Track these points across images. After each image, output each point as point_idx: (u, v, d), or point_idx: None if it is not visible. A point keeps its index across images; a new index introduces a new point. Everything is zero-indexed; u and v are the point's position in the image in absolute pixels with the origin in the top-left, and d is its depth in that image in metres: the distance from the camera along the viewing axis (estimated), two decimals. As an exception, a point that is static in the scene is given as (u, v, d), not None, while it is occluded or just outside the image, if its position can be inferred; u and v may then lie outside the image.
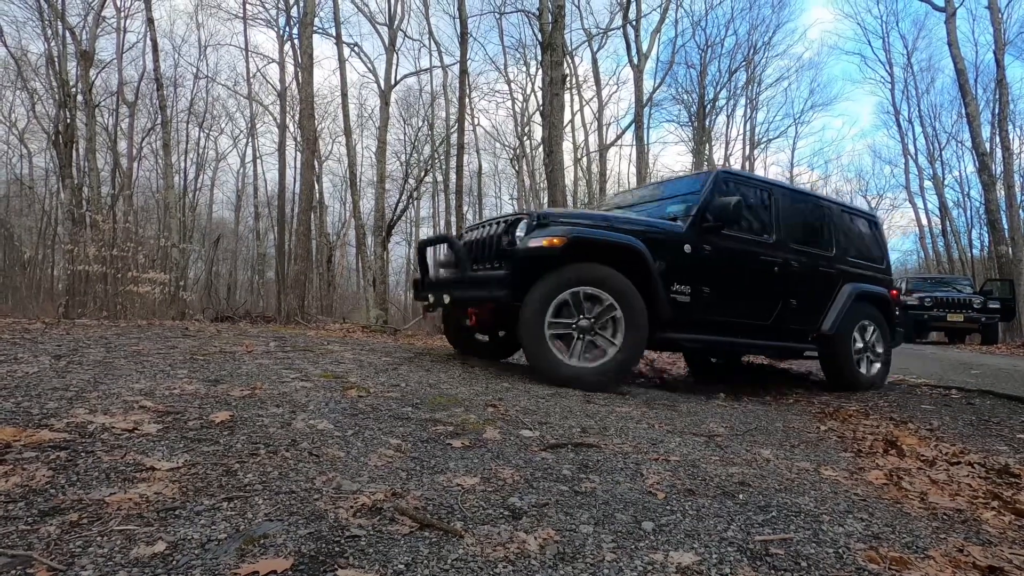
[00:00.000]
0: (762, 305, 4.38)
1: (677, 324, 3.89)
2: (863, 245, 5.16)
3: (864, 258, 5.09)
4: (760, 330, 4.39)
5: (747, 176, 4.79)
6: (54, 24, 16.34)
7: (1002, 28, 15.24)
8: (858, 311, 4.79)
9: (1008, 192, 15.15)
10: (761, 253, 4.36)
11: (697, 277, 3.96)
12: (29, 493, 1.27)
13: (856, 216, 5.28)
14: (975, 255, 26.37)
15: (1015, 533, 1.58)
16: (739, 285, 4.24)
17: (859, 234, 5.18)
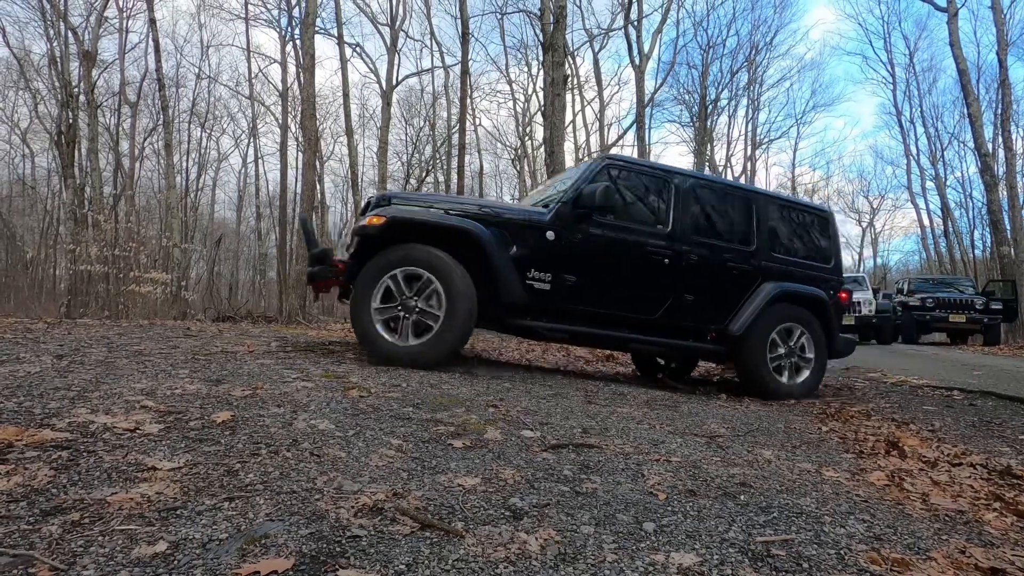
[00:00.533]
0: (645, 298, 4.13)
1: (537, 311, 3.89)
2: (802, 242, 4.71)
3: (801, 256, 4.63)
4: (644, 325, 4.15)
5: (641, 164, 4.64)
6: (56, 24, 16.39)
7: (1005, 28, 15.21)
8: (780, 313, 4.36)
9: (1011, 193, 15.10)
10: (648, 244, 4.11)
11: (560, 265, 3.88)
12: (31, 493, 1.27)
13: (798, 211, 4.83)
14: (977, 256, 26.34)
15: (1017, 534, 1.57)
16: (614, 276, 4.04)
17: (797, 230, 4.72)
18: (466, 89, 13.61)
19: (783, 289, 4.37)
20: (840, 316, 4.73)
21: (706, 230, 4.36)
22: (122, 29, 19.26)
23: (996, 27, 14.74)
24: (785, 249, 4.59)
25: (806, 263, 4.62)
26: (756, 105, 27.02)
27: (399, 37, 19.20)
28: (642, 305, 4.14)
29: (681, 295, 4.17)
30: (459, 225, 3.66)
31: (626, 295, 4.08)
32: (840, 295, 4.72)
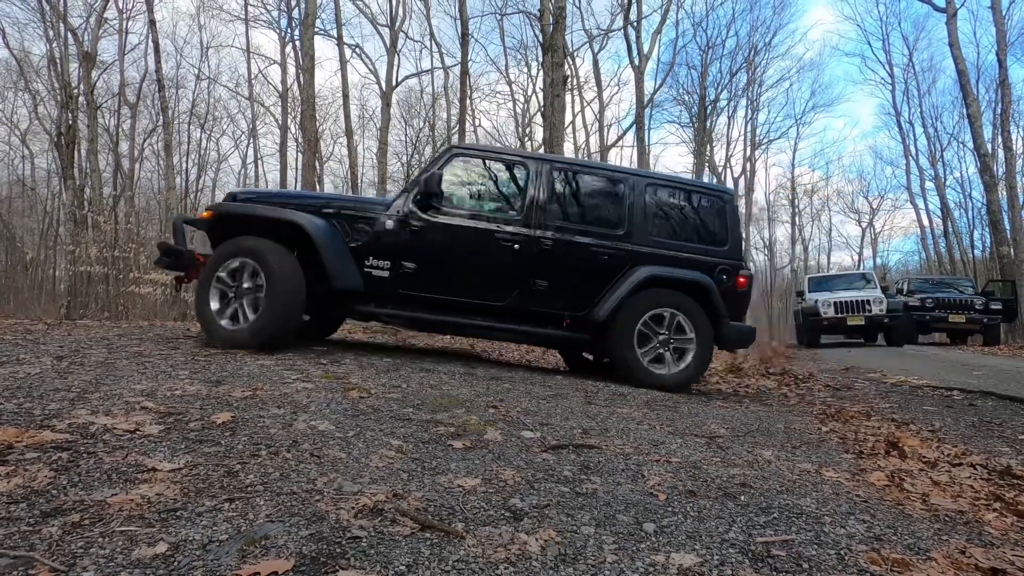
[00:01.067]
0: (493, 285, 4.07)
1: (377, 298, 4.00)
2: (689, 225, 4.45)
3: (687, 239, 4.37)
4: (495, 312, 4.09)
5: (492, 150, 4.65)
6: (56, 25, 16.40)
7: (1005, 28, 15.22)
8: (652, 298, 4.12)
9: (1010, 193, 15.11)
10: (495, 230, 4.06)
11: (399, 253, 3.97)
12: (31, 494, 1.27)
13: (688, 192, 4.56)
14: (977, 256, 26.34)
15: (1017, 535, 1.57)
16: (457, 262, 4.05)
17: (685, 212, 4.48)
18: (466, 90, 13.62)
19: (653, 274, 4.13)
20: (739, 302, 4.35)
21: (567, 215, 4.24)
22: (122, 30, 19.28)
23: (995, 27, 14.75)
24: (666, 232, 4.35)
25: (693, 246, 4.34)
26: (755, 106, 27.05)
27: (399, 38, 19.21)
28: (490, 292, 4.08)
29: (533, 281, 4.07)
30: (285, 217, 3.82)
31: (472, 282, 4.06)
32: (738, 279, 4.33)
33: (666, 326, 4.15)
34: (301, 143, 18.12)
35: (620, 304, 4.06)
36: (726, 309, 4.20)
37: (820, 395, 4.69)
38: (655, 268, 4.17)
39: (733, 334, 4.28)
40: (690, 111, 25.23)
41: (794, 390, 4.97)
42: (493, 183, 4.36)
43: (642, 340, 4.11)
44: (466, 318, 4.07)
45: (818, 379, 5.68)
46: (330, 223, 3.91)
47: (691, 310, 4.16)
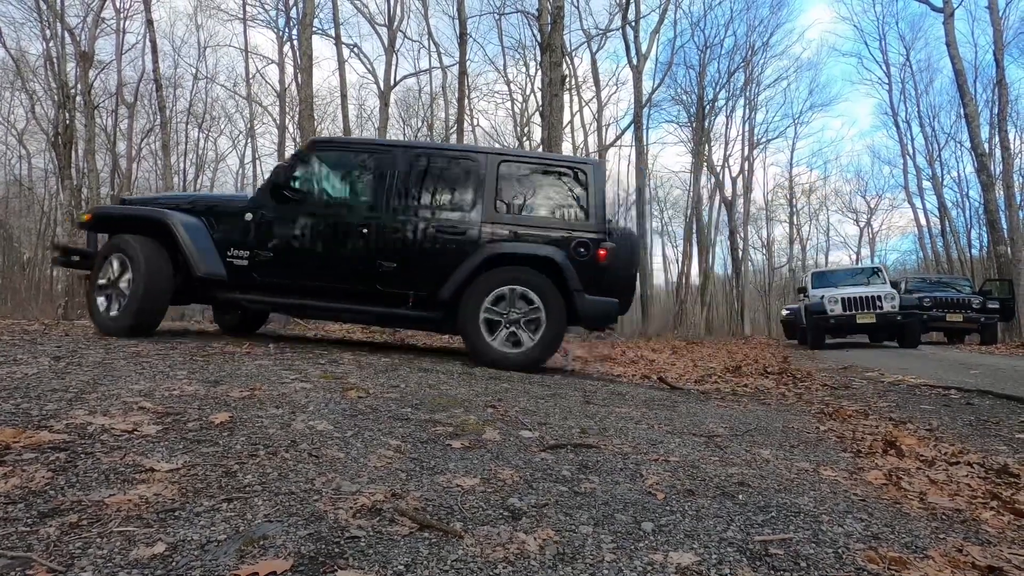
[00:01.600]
0: (344, 269, 4.23)
1: (240, 286, 4.29)
2: (546, 200, 4.38)
3: (542, 214, 4.33)
4: (348, 294, 4.25)
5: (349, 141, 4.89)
6: (53, 25, 16.35)
7: (1002, 28, 15.25)
8: (500, 276, 4.08)
9: (1007, 192, 15.15)
10: (345, 216, 4.27)
11: (257, 242, 4.25)
12: (28, 494, 1.27)
13: (543, 167, 4.48)
14: (974, 255, 26.42)
15: (1014, 533, 1.58)
16: (310, 249, 4.24)
17: (540, 188, 4.43)
18: (464, 89, 13.61)
19: (499, 251, 4.11)
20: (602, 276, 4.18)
21: (418, 198, 4.32)
22: (119, 30, 19.24)
23: (993, 27, 14.79)
24: (519, 209, 4.33)
25: (547, 221, 4.28)
26: (753, 105, 27.07)
27: (397, 38, 19.19)
28: (342, 275, 4.24)
29: (381, 263, 4.18)
30: (150, 215, 4.26)
31: (325, 266, 4.23)
32: (598, 252, 4.16)
33: (514, 304, 4.10)
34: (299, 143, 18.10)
35: (465, 283, 4.08)
36: (582, 283, 4.08)
37: (818, 394, 4.69)
38: (501, 245, 4.15)
39: (589, 309, 4.10)
40: (688, 111, 25.27)
41: (792, 389, 4.98)
42: (350, 172, 4.56)
43: (489, 318, 4.10)
44: (322, 301, 4.28)
45: (816, 378, 5.69)
46: (199, 219, 4.29)
47: (540, 286, 4.07)
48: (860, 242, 35.02)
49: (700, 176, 24.43)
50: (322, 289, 4.25)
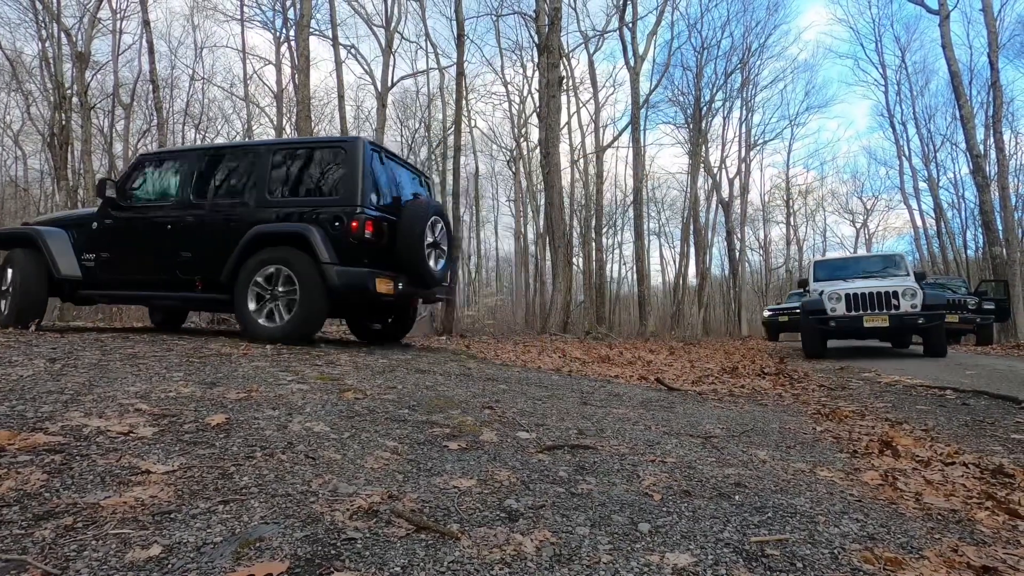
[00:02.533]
0: (156, 262, 4.87)
1: (92, 284, 5.09)
2: (308, 180, 4.64)
3: (304, 194, 4.58)
4: (165, 284, 4.88)
5: (167, 151, 5.75)
6: (49, 26, 16.30)
7: (996, 30, 15.33)
8: (263, 257, 4.39)
9: (1002, 193, 15.22)
10: (155, 216, 4.94)
11: (98, 246, 5.07)
12: (24, 497, 1.27)
13: (307, 151, 4.74)
14: (970, 256, 26.54)
15: (1009, 533, 1.58)
16: (132, 247, 4.99)
17: (303, 170, 4.69)
18: (461, 90, 13.61)
19: (259, 232, 4.43)
20: (357, 247, 4.32)
21: (209, 193, 4.89)
22: (115, 30, 19.18)
23: (987, 29, 14.86)
24: (285, 192, 4.63)
25: (308, 200, 4.53)
26: (750, 107, 27.15)
27: (394, 39, 19.17)
28: (157, 268, 4.89)
29: (181, 254, 4.78)
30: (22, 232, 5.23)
31: (143, 261, 4.95)
32: (350, 224, 4.30)
33: (276, 280, 4.41)
34: (296, 144, 18.04)
35: (236, 265, 4.48)
36: (338, 256, 4.28)
37: (815, 395, 4.70)
38: (262, 227, 4.48)
39: (336, 278, 4.24)
40: (685, 112, 25.33)
41: (789, 390, 4.99)
42: (164, 178, 5.21)
43: (258, 296, 4.45)
44: (145, 291, 5.00)
45: (812, 379, 5.71)
46: (66, 231, 5.17)
47: (296, 262, 4.32)
48: (856, 243, 35.13)
49: (697, 177, 24.48)
50: (145, 281, 4.96)
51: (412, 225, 4.53)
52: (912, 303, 7.92)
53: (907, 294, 7.93)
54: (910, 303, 7.92)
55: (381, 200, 4.60)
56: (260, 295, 4.42)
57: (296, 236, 4.35)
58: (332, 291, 4.26)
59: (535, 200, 24.28)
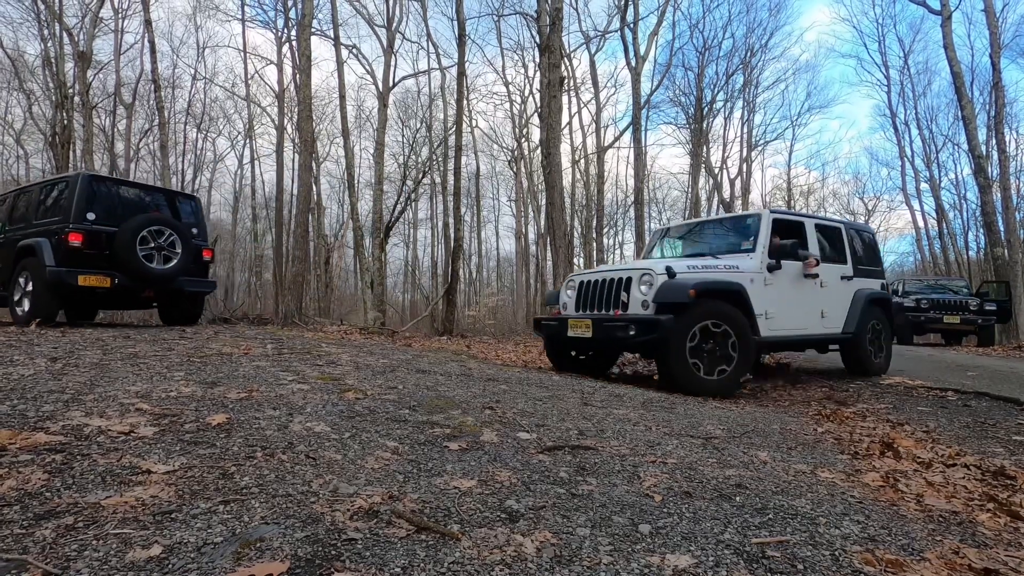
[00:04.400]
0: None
1: None
2: (50, 204, 5.83)
3: (45, 216, 5.78)
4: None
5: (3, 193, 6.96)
6: (51, 25, 16.31)
7: (998, 31, 15.31)
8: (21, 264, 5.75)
9: (1004, 194, 15.19)
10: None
11: None
12: (24, 496, 1.27)
13: (47, 190, 6.01)
14: (971, 257, 26.47)
15: (1010, 535, 1.58)
16: None
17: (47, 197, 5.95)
18: (462, 90, 13.62)
19: (22, 245, 5.70)
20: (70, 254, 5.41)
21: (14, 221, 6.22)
22: (117, 30, 19.20)
23: (989, 30, 14.84)
24: (39, 215, 5.86)
25: (46, 220, 5.71)
26: (752, 107, 27.09)
27: (396, 39, 19.17)
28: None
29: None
30: None
31: None
32: (66, 236, 5.42)
33: (28, 281, 5.60)
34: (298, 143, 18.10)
35: (14, 274, 5.75)
36: (56, 260, 5.39)
37: (816, 396, 4.70)
38: (23, 242, 5.69)
39: (51, 278, 5.33)
40: (687, 112, 25.28)
41: (790, 391, 4.98)
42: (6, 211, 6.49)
43: (21, 292, 5.68)
44: None
45: (813, 380, 5.70)
46: None
47: (35, 267, 5.51)
48: (857, 244, 35.06)
49: (698, 177, 24.46)
50: None
51: (124, 235, 5.50)
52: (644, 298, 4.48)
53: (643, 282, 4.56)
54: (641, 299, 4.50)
55: (102, 218, 5.66)
56: (23, 291, 5.67)
57: (30, 247, 5.59)
58: (51, 287, 5.37)
59: (536, 200, 24.28)
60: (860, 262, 5.90)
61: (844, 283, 5.70)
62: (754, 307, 4.60)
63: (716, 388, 4.24)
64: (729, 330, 4.35)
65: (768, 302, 4.83)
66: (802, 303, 5.23)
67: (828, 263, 5.48)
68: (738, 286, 4.57)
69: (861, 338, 5.71)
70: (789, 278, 5.10)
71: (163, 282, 5.73)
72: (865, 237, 6.32)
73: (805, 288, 5.25)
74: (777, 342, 5.22)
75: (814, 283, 5.32)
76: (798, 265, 5.13)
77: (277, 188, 20.09)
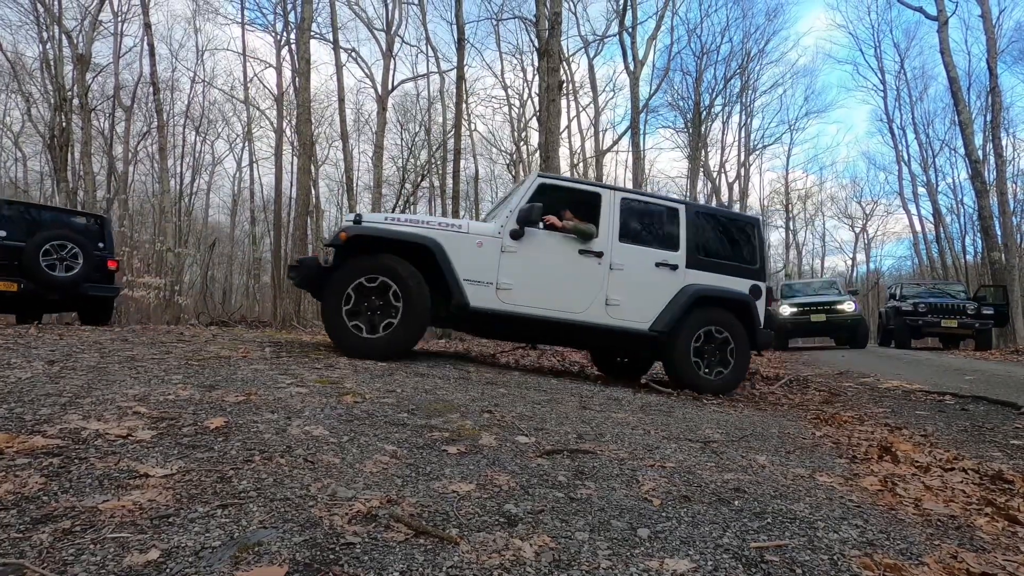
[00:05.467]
0: None
1: None
2: None
3: None
4: None
5: None
6: (50, 28, 16.33)
7: (995, 37, 15.39)
8: None
9: (1001, 199, 15.24)
10: None
11: None
12: (21, 500, 1.26)
13: None
14: (969, 261, 26.55)
15: (1008, 539, 1.58)
16: None
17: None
18: (461, 94, 13.65)
19: None
20: None
21: None
22: (117, 33, 19.22)
23: (986, 35, 14.92)
24: None
25: None
26: (749, 111, 27.22)
27: (395, 42, 19.22)
28: None
29: None
30: None
31: None
32: None
33: None
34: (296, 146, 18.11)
35: None
36: None
37: (814, 399, 4.70)
38: None
39: None
40: (685, 116, 25.38)
41: (788, 395, 4.99)
42: None
43: None
44: None
45: (812, 384, 5.71)
46: None
47: None
48: (856, 247, 35.17)
49: (696, 181, 24.52)
50: None
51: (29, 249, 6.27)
52: None
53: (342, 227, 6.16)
54: None
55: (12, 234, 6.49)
56: None
57: None
58: None
59: (535, 203, 24.26)
60: (710, 254, 4.86)
61: (662, 272, 4.67)
62: (458, 271, 4.21)
63: (373, 349, 3.98)
64: (394, 286, 4.02)
65: (505, 272, 4.35)
66: (566, 280, 4.50)
67: (641, 245, 4.68)
68: (428, 241, 4.17)
69: (677, 341, 4.60)
70: (547, 249, 4.50)
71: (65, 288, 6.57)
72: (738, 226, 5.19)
73: (579, 265, 4.52)
74: (515, 317, 4.40)
75: (597, 262, 4.53)
76: (571, 238, 4.53)
77: (276, 191, 20.08)
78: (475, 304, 4.21)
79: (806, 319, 12.45)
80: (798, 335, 13.45)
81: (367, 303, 4.03)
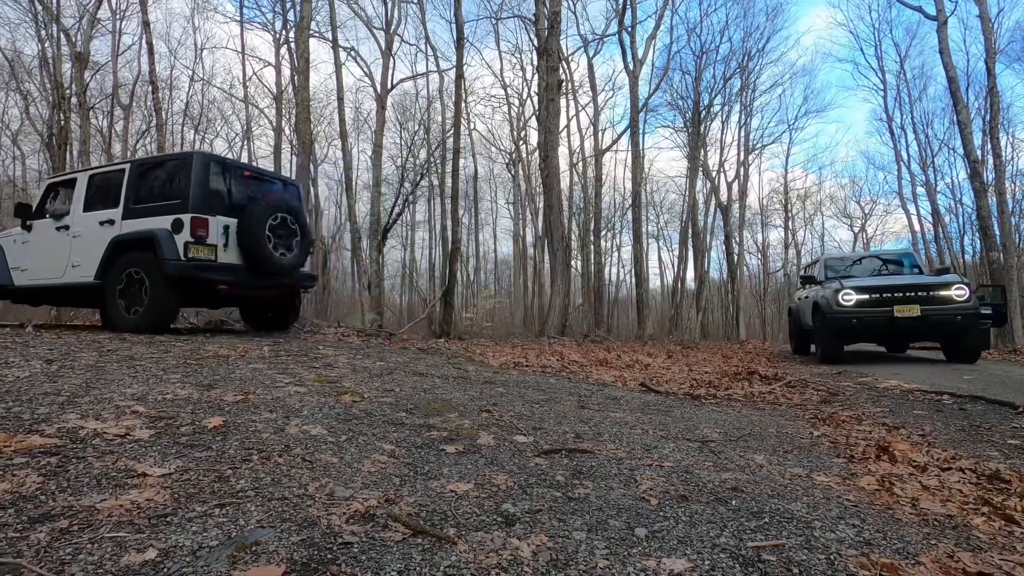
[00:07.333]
0: None
1: None
2: None
3: None
4: None
5: None
6: (48, 26, 16.29)
7: (993, 37, 15.41)
8: None
9: (999, 199, 15.27)
10: None
11: None
12: (19, 499, 1.26)
13: None
14: (967, 261, 26.60)
15: (1005, 539, 1.59)
16: None
17: None
18: (461, 93, 13.64)
19: None
20: None
21: None
22: (115, 31, 19.18)
23: (984, 35, 14.93)
24: None
25: None
26: (749, 111, 27.20)
27: (394, 41, 19.19)
28: None
29: None
30: None
31: None
32: None
33: None
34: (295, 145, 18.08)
35: None
36: None
37: (812, 399, 4.71)
38: None
39: None
40: (684, 116, 25.37)
41: (786, 395, 4.99)
42: None
43: None
44: None
45: (810, 383, 5.71)
46: None
47: None
48: (855, 247, 35.20)
49: (696, 181, 24.52)
50: None
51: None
52: None
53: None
54: None
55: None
56: None
57: None
58: None
59: (534, 203, 24.31)
60: (142, 201, 5.31)
61: (103, 229, 5.40)
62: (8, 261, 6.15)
63: None
64: None
65: (23, 258, 6.05)
66: (50, 254, 5.76)
67: (95, 211, 5.55)
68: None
69: (107, 288, 5.26)
70: (47, 233, 5.88)
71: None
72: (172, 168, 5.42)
73: (57, 240, 5.76)
74: (31, 289, 6.00)
75: (66, 234, 5.69)
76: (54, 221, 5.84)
77: (275, 190, 19.99)
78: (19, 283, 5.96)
79: (885, 314, 7.34)
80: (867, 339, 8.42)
81: None
